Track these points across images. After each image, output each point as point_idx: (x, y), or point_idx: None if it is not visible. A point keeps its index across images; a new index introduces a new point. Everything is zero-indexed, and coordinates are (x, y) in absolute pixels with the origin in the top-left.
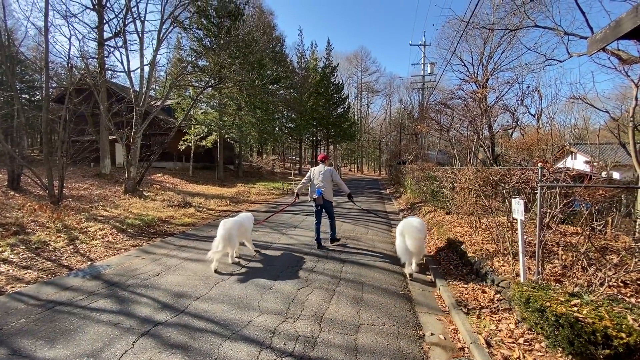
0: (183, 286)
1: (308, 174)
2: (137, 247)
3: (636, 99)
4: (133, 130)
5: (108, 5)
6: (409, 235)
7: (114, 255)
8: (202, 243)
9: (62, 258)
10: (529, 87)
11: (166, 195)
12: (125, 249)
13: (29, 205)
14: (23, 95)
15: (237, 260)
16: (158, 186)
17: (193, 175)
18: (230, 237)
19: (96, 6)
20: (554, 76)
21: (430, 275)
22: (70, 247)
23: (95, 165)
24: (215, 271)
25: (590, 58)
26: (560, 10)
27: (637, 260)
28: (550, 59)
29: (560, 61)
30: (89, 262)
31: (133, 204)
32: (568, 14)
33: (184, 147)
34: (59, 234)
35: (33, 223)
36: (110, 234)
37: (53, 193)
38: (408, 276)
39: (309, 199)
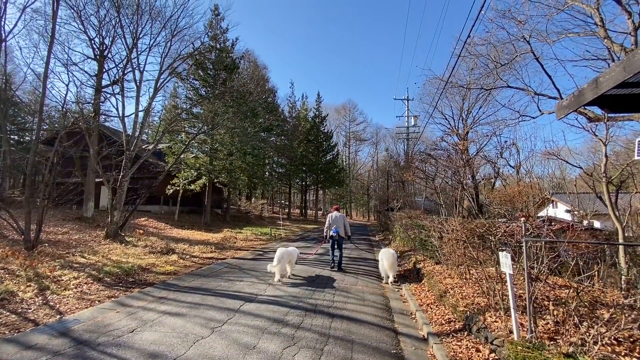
0: (159, 344)
1: (327, 219)
2: (112, 299)
3: (606, 156)
4: (121, 173)
5: (109, 56)
6: (385, 257)
7: (87, 307)
8: (183, 295)
9: (29, 311)
10: (506, 141)
11: (149, 240)
12: (99, 301)
13: (1, 251)
14: (12, 136)
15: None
16: (141, 231)
17: (179, 219)
18: (282, 258)
19: (98, 56)
20: (529, 131)
21: (399, 283)
22: (40, 298)
23: (78, 208)
24: (279, 281)
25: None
26: (529, 73)
27: (627, 316)
28: (524, 115)
29: (533, 117)
30: (58, 316)
31: (113, 250)
32: (536, 76)
33: (171, 190)
34: (29, 283)
35: (2, 270)
36: (85, 283)
37: (29, 238)
38: (384, 284)
39: (327, 237)
